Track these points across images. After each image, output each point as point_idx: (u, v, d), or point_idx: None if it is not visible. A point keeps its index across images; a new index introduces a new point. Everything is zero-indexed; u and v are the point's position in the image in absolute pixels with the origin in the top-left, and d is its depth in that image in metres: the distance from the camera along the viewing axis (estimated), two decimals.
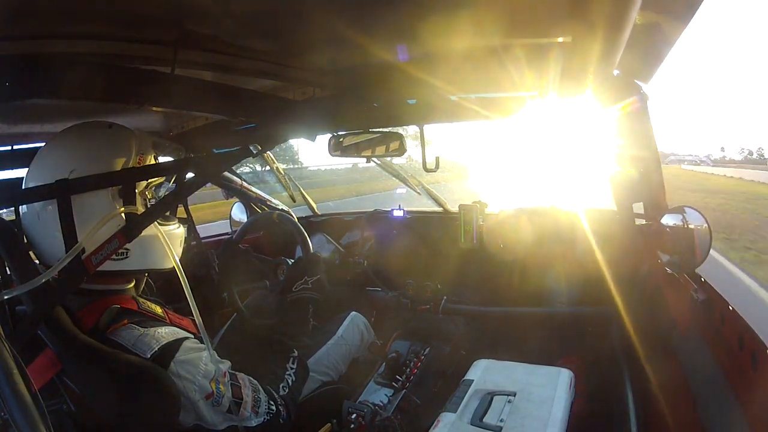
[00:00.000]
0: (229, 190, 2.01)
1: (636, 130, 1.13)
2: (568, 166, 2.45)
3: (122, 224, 0.87)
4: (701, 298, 0.99)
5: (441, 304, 1.64)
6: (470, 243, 1.80)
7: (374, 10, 0.69)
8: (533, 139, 1.82)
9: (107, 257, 0.84)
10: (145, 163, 0.95)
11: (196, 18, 0.72)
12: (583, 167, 1.87)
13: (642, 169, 1.22)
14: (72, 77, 0.70)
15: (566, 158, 2.16)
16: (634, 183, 1.28)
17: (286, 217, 1.59)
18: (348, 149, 1.63)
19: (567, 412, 0.95)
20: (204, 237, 1.82)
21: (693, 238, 1.12)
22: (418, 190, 2.14)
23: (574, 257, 1.53)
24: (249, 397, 0.96)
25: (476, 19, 0.69)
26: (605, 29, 0.59)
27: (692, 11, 0.70)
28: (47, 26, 0.68)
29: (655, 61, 0.90)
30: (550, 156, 2.63)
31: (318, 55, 0.90)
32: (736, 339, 0.81)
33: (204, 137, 1.44)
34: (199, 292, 0.99)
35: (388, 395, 1.30)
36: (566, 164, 2.44)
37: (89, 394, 0.83)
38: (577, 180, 2.51)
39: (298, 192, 2.26)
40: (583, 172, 2.10)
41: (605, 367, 1.32)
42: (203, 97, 0.91)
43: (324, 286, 1.38)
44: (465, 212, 1.81)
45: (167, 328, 0.91)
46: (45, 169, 0.88)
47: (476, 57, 0.87)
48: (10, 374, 0.47)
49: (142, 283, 1.05)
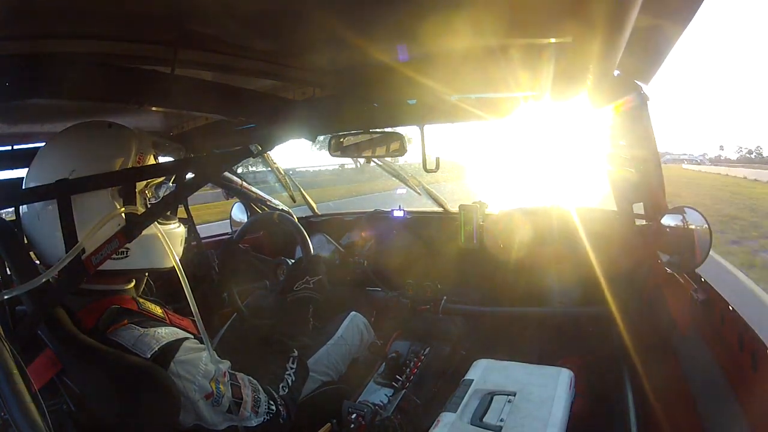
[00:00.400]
0: (229, 190, 2.01)
1: (636, 130, 1.13)
2: (568, 166, 2.44)
3: (122, 224, 0.87)
4: (701, 298, 0.99)
5: (441, 304, 1.64)
6: (470, 243, 1.80)
7: (374, 10, 0.69)
8: (533, 139, 1.82)
9: (107, 257, 0.84)
10: (145, 162, 0.95)
11: (196, 18, 0.72)
12: (583, 167, 1.87)
13: (642, 169, 1.22)
14: (72, 77, 0.70)
15: (566, 158, 2.16)
16: (634, 183, 1.28)
17: (287, 218, 1.59)
18: (348, 149, 1.63)
19: (567, 412, 0.95)
20: (204, 237, 1.82)
21: (693, 238, 1.12)
22: (418, 190, 2.14)
23: (574, 257, 1.53)
24: (249, 397, 0.96)
25: (476, 20, 0.69)
26: (605, 29, 0.59)
27: (692, 11, 0.70)
28: (47, 26, 0.68)
29: (655, 61, 0.90)
30: (549, 156, 2.63)
31: (318, 55, 0.90)
32: (736, 339, 0.81)
33: (204, 137, 1.44)
34: (199, 292, 1.00)
35: (388, 395, 1.30)
36: (566, 164, 2.43)
37: (89, 394, 0.83)
38: (576, 180, 2.51)
39: (298, 192, 2.26)
40: (583, 172, 2.10)
41: (605, 367, 1.32)
42: (203, 97, 0.91)
43: (324, 287, 1.38)
44: (465, 212, 1.81)
45: (167, 329, 0.91)
46: (45, 169, 0.88)
47: (476, 57, 0.87)
48: (10, 374, 0.47)
49: (142, 283, 1.05)
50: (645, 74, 0.97)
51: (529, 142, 2.00)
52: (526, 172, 3.83)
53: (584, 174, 2.04)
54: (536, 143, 1.86)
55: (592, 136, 1.28)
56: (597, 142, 1.29)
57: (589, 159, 1.49)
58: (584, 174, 2.04)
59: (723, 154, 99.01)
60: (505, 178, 4.16)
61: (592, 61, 0.68)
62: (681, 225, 1.15)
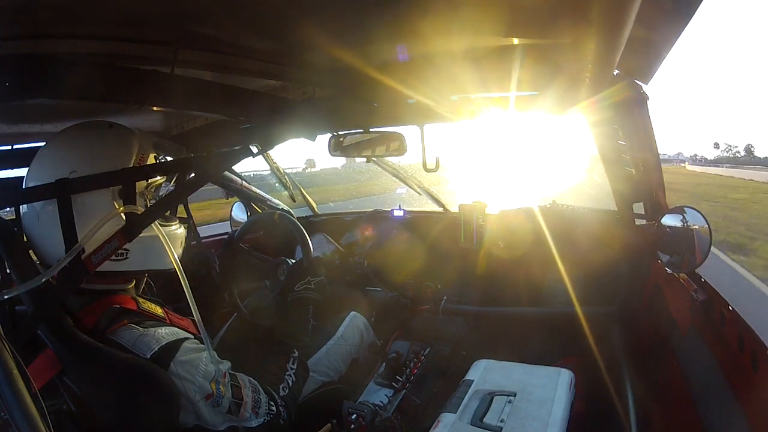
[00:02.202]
0: (229, 190, 2.01)
1: (636, 130, 1.13)
2: (568, 166, 2.45)
3: (122, 224, 0.87)
4: (701, 298, 1.00)
5: (441, 304, 1.64)
6: (470, 243, 1.80)
7: (374, 10, 0.69)
8: (533, 139, 1.82)
9: (107, 257, 0.84)
10: (145, 163, 0.95)
11: (196, 18, 0.72)
12: (583, 167, 1.88)
13: (642, 169, 1.22)
14: (72, 77, 0.70)
15: (566, 158, 2.16)
16: (634, 183, 1.28)
17: (287, 217, 1.59)
18: (348, 149, 1.63)
19: (567, 412, 0.95)
20: (204, 237, 1.82)
21: (693, 238, 1.12)
22: (418, 190, 2.14)
23: (574, 257, 1.53)
24: (249, 398, 0.96)
25: (476, 20, 0.69)
26: (605, 29, 0.59)
27: (692, 11, 0.70)
28: (47, 26, 0.68)
29: (655, 61, 0.90)
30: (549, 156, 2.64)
31: (318, 55, 0.90)
32: (736, 339, 0.81)
33: (204, 137, 1.44)
34: (199, 292, 0.99)
35: (388, 395, 1.30)
36: (566, 164, 2.44)
37: (89, 394, 0.83)
38: (575, 180, 2.52)
39: (298, 192, 2.26)
40: (583, 172, 2.10)
41: (605, 367, 1.32)
42: (203, 97, 0.91)
43: (325, 287, 1.38)
44: (465, 212, 1.81)
45: (167, 329, 0.91)
46: (45, 168, 0.88)
47: (476, 57, 0.87)
48: (10, 374, 0.47)
49: (142, 283, 1.05)
50: (645, 74, 0.97)
51: (528, 142, 2.00)
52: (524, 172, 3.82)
53: (583, 174, 2.04)
54: (535, 143, 1.86)
55: (591, 136, 1.28)
56: (596, 142, 1.29)
57: (588, 159, 1.48)
58: (583, 174, 2.04)
59: (699, 154, 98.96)
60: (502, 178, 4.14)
61: (593, 60, 0.68)
62: (681, 225, 1.15)
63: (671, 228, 1.18)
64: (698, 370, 0.97)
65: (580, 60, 0.70)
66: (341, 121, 1.34)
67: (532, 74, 0.88)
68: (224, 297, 1.50)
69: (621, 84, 0.98)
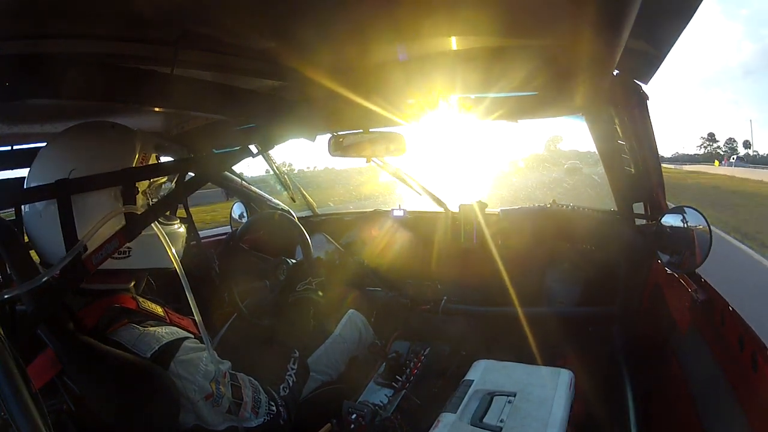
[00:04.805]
0: (229, 190, 2.01)
1: (636, 130, 1.13)
2: (568, 166, 2.46)
3: (123, 224, 0.87)
4: (701, 298, 1.00)
5: (441, 304, 1.64)
6: (470, 243, 1.80)
7: (374, 9, 0.69)
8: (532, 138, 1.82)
9: (107, 257, 0.84)
10: (147, 163, 0.95)
11: (196, 18, 0.72)
12: (582, 167, 1.88)
13: (642, 169, 1.22)
14: (72, 77, 0.70)
15: (565, 158, 2.16)
16: (634, 183, 1.28)
17: (287, 217, 1.59)
18: (348, 149, 1.63)
19: (567, 412, 0.95)
20: (204, 237, 1.82)
21: (693, 238, 1.12)
22: (418, 190, 2.13)
23: (574, 257, 1.53)
24: (249, 398, 0.96)
25: (476, 20, 0.70)
26: (605, 29, 0.59)
27: (692, 11, 0.70)
28: (47, 26, 0.68)
29: (655, 61, 0.90)
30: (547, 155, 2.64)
31: (318, 55, 0.90)
32: (736, 339, 0.81)
33: (204, 137, 1.44)
34: (199, 292, 0.99)
35: (388, 395, 1.30)
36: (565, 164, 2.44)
37: (89, 393, 0.83)
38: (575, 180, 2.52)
39: (298, 192, 2.26)
40: (582, 172, 2.10)
41: (605, 367, 1.32)
42: (203, 97, 0.91)
43: (325, 287, 1.38)
44: (465, 212, 1.81)
45: (167, 328, 0.91)
46: (46, 168, 0.88)
47: (476, 57, 0.87)
48: (10, 374, 0.47)
49: (143, 282, 1.05)
50: (645, 74, 0.97)
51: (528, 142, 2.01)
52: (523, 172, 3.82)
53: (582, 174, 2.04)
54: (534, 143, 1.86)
55: (591, 135, 1.28)
56: (595, 142, 1.29)
57: (587, 158, 1.48)
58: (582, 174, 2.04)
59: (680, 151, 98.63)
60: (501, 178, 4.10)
61: (593, 60, 0.68)
62: (681, 225, 1.15)
63: (671, 228, 1.18)
64: (698, 370, 0.97)
65: (581, 60, 0.70)
66: (341, 122, 1.34)
67: (532, 74, 0.88)
68: (224, 297, 1.50)
69: (621, 84, 0.98)
